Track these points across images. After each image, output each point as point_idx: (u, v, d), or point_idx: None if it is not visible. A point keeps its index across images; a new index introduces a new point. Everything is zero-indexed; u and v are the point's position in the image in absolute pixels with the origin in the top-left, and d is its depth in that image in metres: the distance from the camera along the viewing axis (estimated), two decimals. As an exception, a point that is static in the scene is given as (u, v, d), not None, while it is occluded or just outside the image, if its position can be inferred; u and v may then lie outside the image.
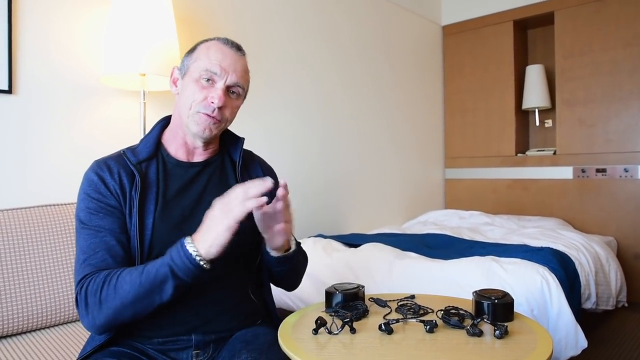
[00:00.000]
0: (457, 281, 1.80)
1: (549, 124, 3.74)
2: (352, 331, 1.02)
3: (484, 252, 2.07)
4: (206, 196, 1.12)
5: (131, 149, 1.11)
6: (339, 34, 3.06)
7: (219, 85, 1.08)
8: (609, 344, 2.38)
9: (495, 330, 0.98)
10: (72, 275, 1.46)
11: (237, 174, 1.18)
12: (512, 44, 3.66)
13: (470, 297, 1.17)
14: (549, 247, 2.13)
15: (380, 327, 1.02)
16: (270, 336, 1.06)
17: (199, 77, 1.07)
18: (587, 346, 1.64)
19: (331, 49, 3.00)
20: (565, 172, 3.42)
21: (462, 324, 1.03)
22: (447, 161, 4.07)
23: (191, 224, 1.07)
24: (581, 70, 3.34)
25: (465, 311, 1.09)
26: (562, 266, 1.90)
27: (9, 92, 1.66)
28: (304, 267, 1.26)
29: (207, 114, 1.07)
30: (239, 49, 1.13)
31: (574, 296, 1.92)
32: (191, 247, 0.92)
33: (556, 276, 1.76)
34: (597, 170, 3.28)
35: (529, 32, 3.87)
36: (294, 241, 1.13)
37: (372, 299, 1.25)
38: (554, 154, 3.49)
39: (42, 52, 1.75)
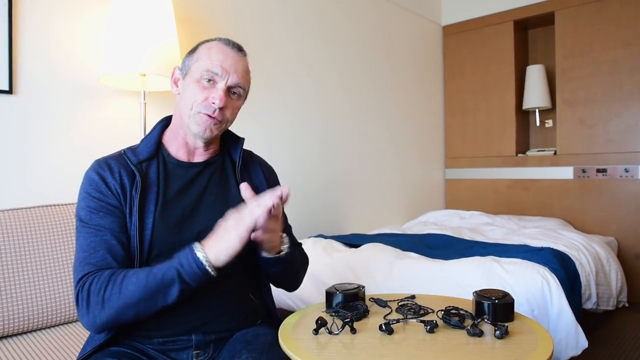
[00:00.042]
0: (458, 281, 1.80)
1: (549, 124, 3.73)
2: (353, 331, 1.02)
3: (484, 252, 2.07)
4: (206, 196, 1.12)
5: (132, 148, 1.12)
6: (339, 34, 3.06)
7: (220, 85, 1.08)
8: (610, 344, 2.37)
9: (495, 330, 0.98)
10: (72, 275, 1.46)
11: (237, 174, 1.18)
12: (512, 44, 3.66)
13: (470, 297, 1.17)
14: (549, 247, 2.13)
15: (380, 327, 1.02)
16: (270, 336, 1.06)
17: (200, 78, 1.07)
18: (587, 346, 1.64)
19: (331, 49, 3.00)
20: (565, 172, 3.41)
21: (462, 324, 1.03)
22: (447, 161, 4.06)
23: (191, 224, 1.08)
24: (582, 70, 3.34)
25: (465, 311, 1.09)
26: (562, 266, 1.90)
27: (10, 92, 1.66)
28: (303, 269, 1.26)
29: (208, 115, 1.07)
30: (240, 49, 1.13)
31: (575, 296, 1.92)
32: (200, 253, 0.93)
33: (557, 276, 1.76)
34: (598, 170, 3.27)
35: (530, 32, 3.87)
36: (286, 244, 1.11)
37: (372, 299, 1.25)
38: (555, 154, 3.49)
39: (42, 52, 1.75)
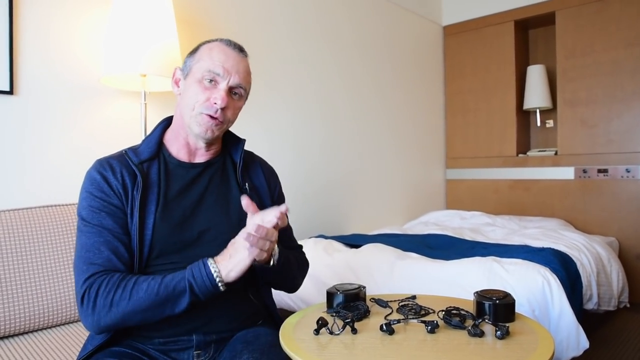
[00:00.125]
0: (458, 282, 1.80)
1: (550, 124, 3.73)
2: (354, 331, 1.02)
3: (485, 253, 2.07)
4: (207, 197, 1.12)
5: (133, 149, 1.12)
6: (340, 35, 3.05)
7: (222, 86, 1.08)
8: (611, 344, 2.37)
9: (496, 330, 0.98)
10: (72, 276, 1.46)
11: (238, 176, 1.17)
12: (513, 44, 3.65)
13: (471, 297, 1.16)
14: (550, 248, 2.12)
15: (381, 328, 1.02)
16: (271, 337, 1.06)
17: (201, 78, 1.07)
18: (588, 347, 1.64)
19: (332, 50, 3.00)
20: (566, 173, 3.41)
21: (463, 325, 1.03)
22: (448, 161, 4.06)
23: (192, 225, 1.08)
24: (582, 70, 3.33)
25: (466, 312, 1.09)
26: (563, 267, 1.89)
27: (10, 93, 1.66)
28: (301, 274, 1.25)
29: (209, 115, 1.07)
30: (241, 50, 1.13)
31: (576, 297, 1.92)
32: (214, 268, 0.95)
33: (558, 277, 1.76)
34: (599, 170, 3.27)
35: (530, 32, 3.86)
36: (276, 256, 1.07)
37: (373, 299, 1.25)
38: (556, 154, 3.48)
39: (42, 52, 1.75)
